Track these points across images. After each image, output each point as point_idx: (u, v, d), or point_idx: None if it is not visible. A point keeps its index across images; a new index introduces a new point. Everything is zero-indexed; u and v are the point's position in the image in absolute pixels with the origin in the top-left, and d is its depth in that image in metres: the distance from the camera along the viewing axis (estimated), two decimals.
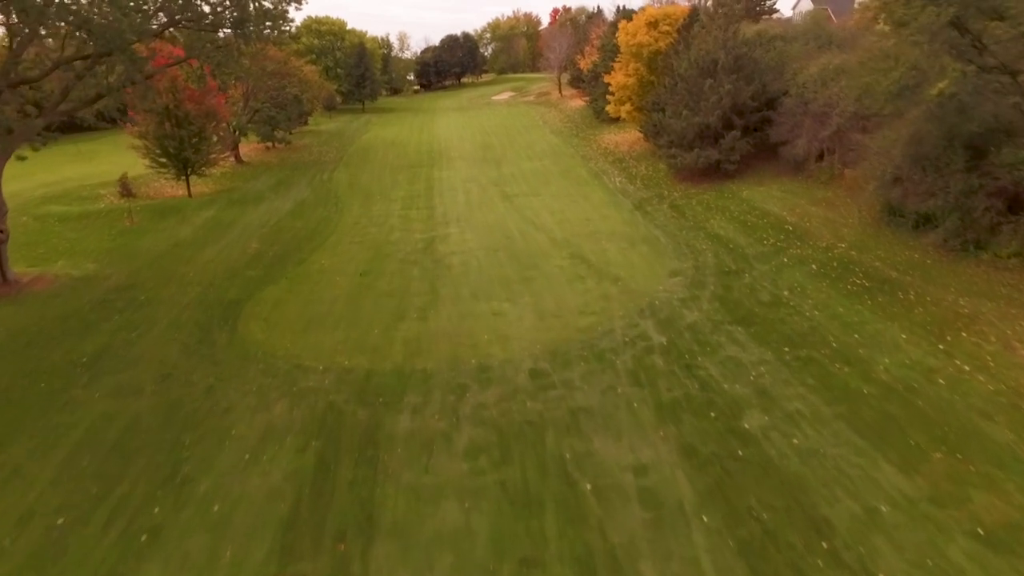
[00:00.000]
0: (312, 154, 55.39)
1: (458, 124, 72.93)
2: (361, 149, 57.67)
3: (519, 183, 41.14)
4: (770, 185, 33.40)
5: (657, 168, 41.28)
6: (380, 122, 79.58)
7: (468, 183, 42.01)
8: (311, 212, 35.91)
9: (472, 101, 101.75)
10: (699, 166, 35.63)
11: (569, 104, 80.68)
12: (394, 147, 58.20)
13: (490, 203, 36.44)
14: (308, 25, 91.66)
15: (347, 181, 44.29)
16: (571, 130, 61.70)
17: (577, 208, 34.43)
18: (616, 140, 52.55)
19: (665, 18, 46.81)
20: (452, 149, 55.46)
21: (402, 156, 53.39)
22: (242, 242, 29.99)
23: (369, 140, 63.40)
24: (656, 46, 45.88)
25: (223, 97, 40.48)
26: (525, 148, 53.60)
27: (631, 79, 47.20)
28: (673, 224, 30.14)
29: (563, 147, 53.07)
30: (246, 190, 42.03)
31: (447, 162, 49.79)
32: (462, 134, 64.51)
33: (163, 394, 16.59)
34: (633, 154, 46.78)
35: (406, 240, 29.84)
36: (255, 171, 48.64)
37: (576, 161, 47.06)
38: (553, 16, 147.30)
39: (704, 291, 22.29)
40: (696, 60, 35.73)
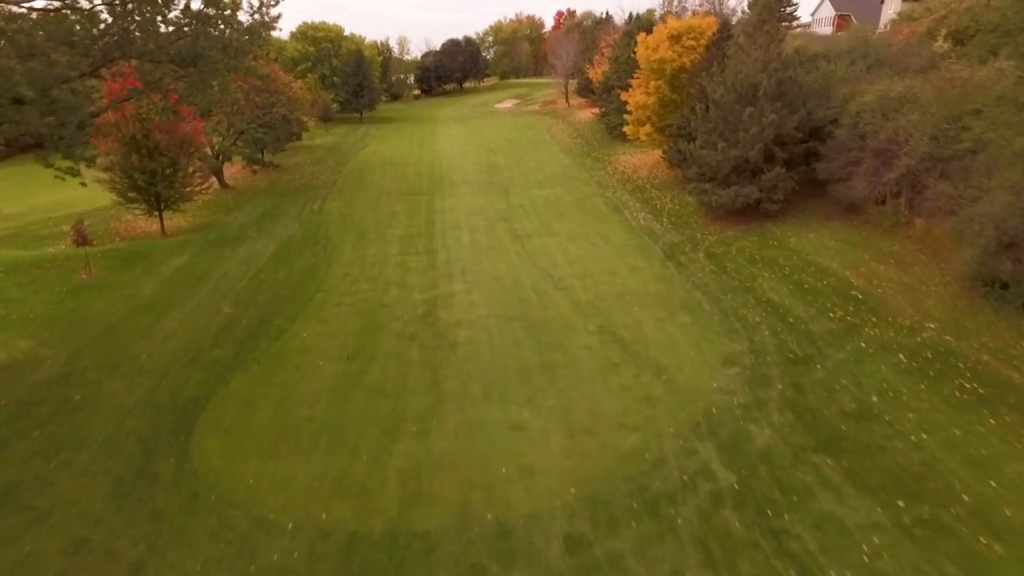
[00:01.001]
0: (303, 176, 50.94)
1: (460, 138, 68.43)
2: (357, 170, 53.21)
3: (530, 218, 36.70)
4: (820, 230, 28.98)
5: (684, 201, 36.86)
6: (378, 135, 75.05)
7: (473, 217, 37.59)
8: (296, 257, 31.50)
9: (474, 109, 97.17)
10: (736, 206, 31.23)
11: (578, 116, 76.15)
12: (392, 167, 53.72)
13: (499, 246, 32.03)
14: (303, 31, 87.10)
15: (339, 213, 39.86)
16: (582, 147, 57.21)
17: (599, 254, 30.02)
18: (634, 163, 48.08)
19: (689, 31, 42.29)
20: (454, 170, 51.00)
21: (400, 179, 48.96)
22: (213, 303, 25.59)
23: (366, 158, 58.91)
24: (679, 62, 41.40)
25: (199, 122, 36.03)
26: (534, 170, 49.13)
27: (651, 98, 42.74)
28: (714, 282, 25.73)
29: (575, 169, 48.60)
30: (227, 225, 37.61)
31: (449, 188, 45.36)
32: (464, 150, 60.02)
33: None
34: (654, 181, 42.33)
35: (404, 302, 25.45)
36: (240, 198, 44.22)
37: (591, 188, 42.60)
38: (557, 19, 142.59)
39: (769, 391, 17.92)
40: (733, 85, 31.27)
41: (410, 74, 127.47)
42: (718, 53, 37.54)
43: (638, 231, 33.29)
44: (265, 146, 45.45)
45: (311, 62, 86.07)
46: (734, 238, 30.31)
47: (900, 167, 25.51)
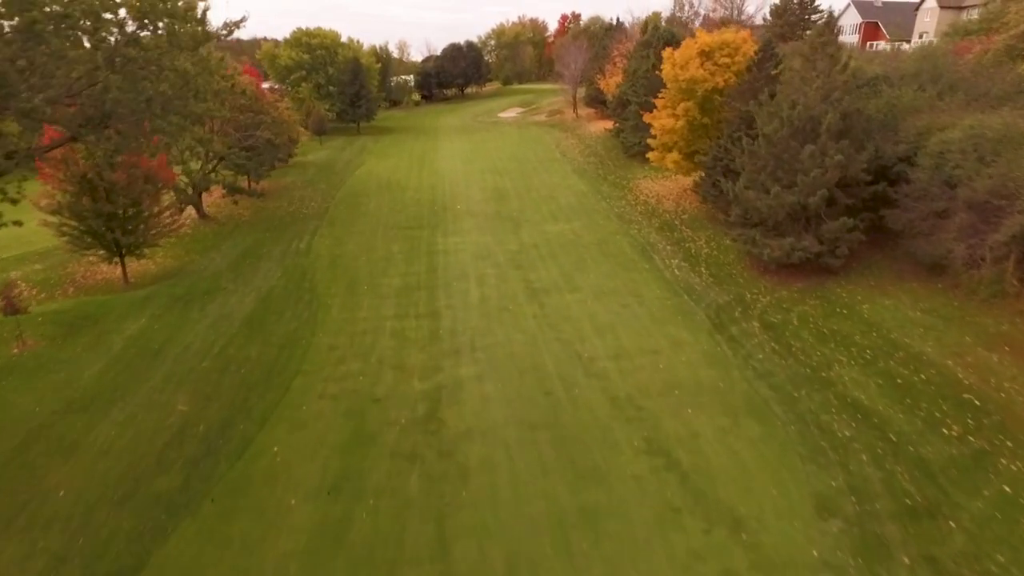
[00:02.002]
0: (292, 203, 45.98)
1: (463, 154, 63.43)
2: (351, 195, 48.24)
3: (547, 265, 31.80)
4: (897, 295, 24.11)
5: (722, 245, 32.01)
6: (376, 149, 70.03)
7: (481, 262, 32.69)
8: (275, 320, 26.58)
9: (477, 119, 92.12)
10: (792, 261, 26.36)
11: (588, 128, 71.19)
12: (389, 191, 48.76)
13: (513, 305, 27.13)
14: (297, 38, 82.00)
15: (328, 253, 34.93)
16: (596, 168, 52.28)
17: (632, 320, 25.16)
18: (657, 191, 43.17)
19: (722, 47, 37.34)
20: (458, 196, 46.05)
21: (398, 207, 44.00)
22: (166, 396, 20.70)
23: (361, 179, 53.93)
24: (712, 83, 36.48)
25: (163, 157, 31.06)
26: (546, 198, 44.19)
27: (679, 122, 37.79)
28: (780, 369, 20.88)
29: (592, 197, 43.66)
30: (200, 271, 32.68)
31: (452, 219, 40.43)
32: (468, 170, 55.04)
33: None
34: (683, 215, 37.44)
35: (400, 394, 20.55)
36: (219, 232, 39.29)
37: (612, 224, 37.68)
38: (562, 23, 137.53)
39: (893, 569, 13.10)
40: (789, 117, 26.34)
41: (410, 76, 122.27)
42: (761, 75, 32.63)
43: (674, 285, 28.41)
44: (248, 172, 40.51)
45: (305, 70, 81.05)
46: (791, 300, 25.43)
47: (1012, 227, 20.65)
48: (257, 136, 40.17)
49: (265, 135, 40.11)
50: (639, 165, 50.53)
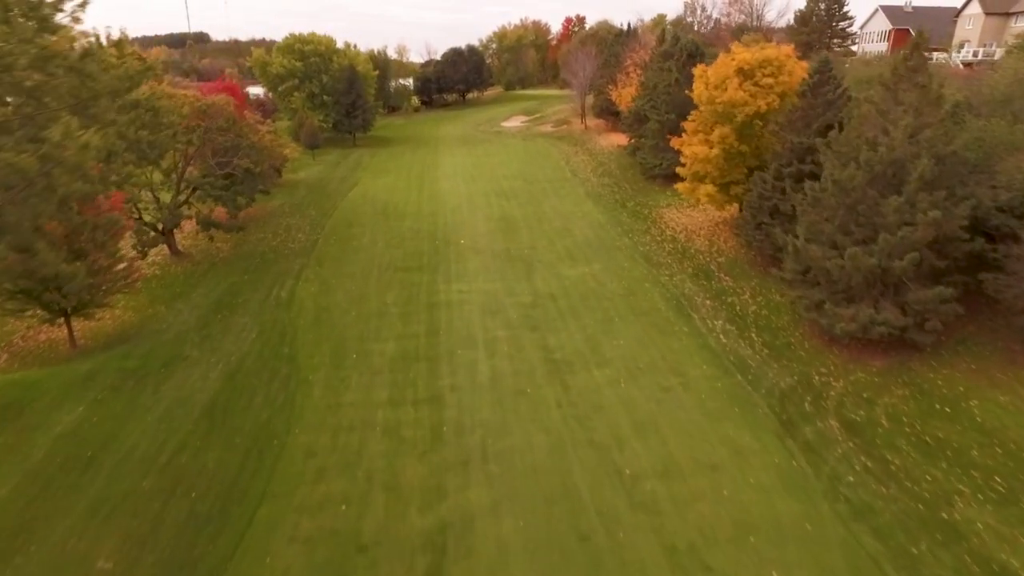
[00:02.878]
0: (277, 234, 41.00)
1: (465, 171, 58.43)
2: (342, 223, 43.24)
3: (567, 324, 26.92)
4: (1014, 387, 19.25)
5: (771, 300, 27.21)
6: (372, 164, 65.01)
7: (490, 318, 27.80)
8: (243, 409, 21.65)
9: (479, 128, 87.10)
10: (871, 336, 21.52)
11: (598, 142, 66.22)
12: (385, 219, 43.78)
13: (531, 388, 22.23)
14: (290, 44, 76.88)
15: (313, 306, 30.00)
16: (613, 192, 47.34)
17: (679, 412, 20.32)
18: (684, 224, 38.26)
19: (764, 65, 32.45)
20: (461, 227, 41.11)
21: (395, 241, 39.02)
22: (86, 543, 15.78)
23: (355, 203, 48.93)
24: (753, 106, 31.58)
25: (120, 197, 26.15)
26: (560, 231, 39.24)
27: (714, 150, 32.88)
28: (882, 502, 16.01)
29: (612, 230, 38.71)
30: (161, 330, 27.77)
31: (456, 258, 35.51)
32: (471, 192, 50.09)
33: None
34: (719, 257, 32.60)
35: (393, 541, 15.60)
36: (191, 275, 34.35)
37: (639, 267, 32.79)
38: (566, 26, 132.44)
39: None
40: (868, 161, 21.44)
41: (409, 78, 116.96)
42: (819, 102, 27.71)
43: (723, 359, 23.54)
44: (225, 204, 35.56)
45: (298, 79, 75.98)
46: (873, 388, 20.58)
47: None
48: (235, 164, 35.16)
49: (244, 163, 35.08)
50: (660, 189, 45.63)
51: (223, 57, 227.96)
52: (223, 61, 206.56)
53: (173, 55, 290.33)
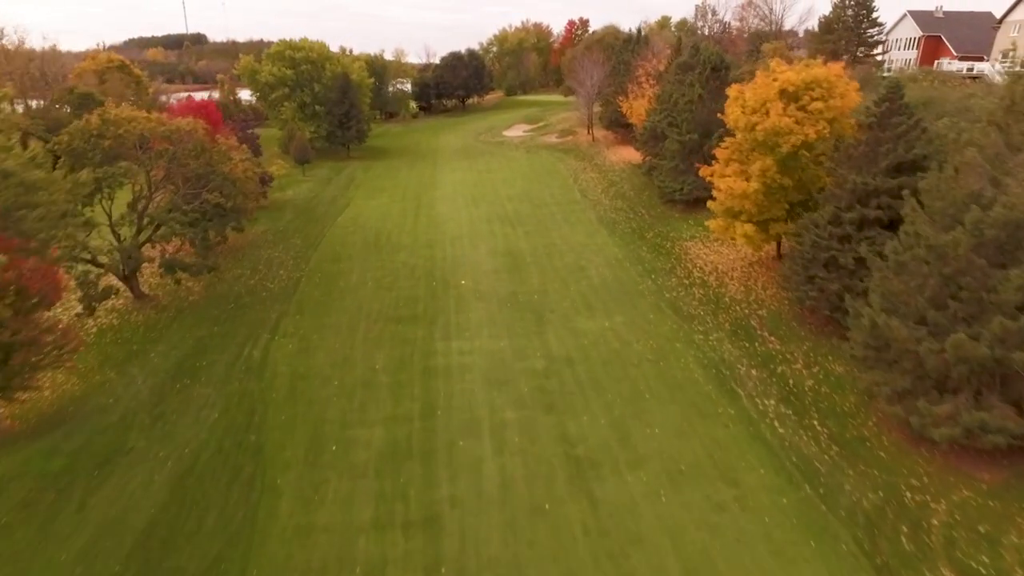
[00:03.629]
0: (256, 271, 36.38)
1: (466, 190, 53.83)
2: (329, 257, 38.59)
3: (589, 402, 22.34)
4: None
5: (829, 372, 22.73)
6: (366, 181, 60.37)
7: (497, 392, 23.26)
8: (190, 534, 17.03)
9: (480, 138, 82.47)
10: (982, 444, 17.01)
11: (608, 156, 61.58)
12: (376, 252, 39.14)
13: (551, 503, 17.65)
14: (280, 52, 72.12)
15: (289, 371, 25.42)
16: (628, 218, 42.73)
17: (739, 547, 15.78)
18: (713, 261, 33.68)
19: (812, 86, 27.87)
20: (462, 263, 36.51)
21: (387, 282, 34.37)
22: None
23: (344, 230, 44.28)
24: (800, 134, 27.01)
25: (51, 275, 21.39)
26: (574, 269, 34.61)
27: (753, 184, 28.30)
28: None
29: (631, 269, 34.08)
30: (106, 407, 23.19)
31: (456, 305, 30.94)
32: (473, 217, 45.51)
33: None
34: (759, 308, 28.06)
35: None
36: (152, 327, 29.73)
37: (667, 320, 28.21)
38: (569, 29, 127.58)
39: None
40: (977, 223, 16.88)
41: (407, 81, 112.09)
42: (888, 135, 23.10)
43: (783, 459, 19.00)
44: (193, 242, 30.91)
45: (289, 88, 71.28)
46: (991, 519, 16.03)
47: None
48: (204, 198, 30.51)
49: (213, 198, 30.42)
50: (681, 216, 41.08)
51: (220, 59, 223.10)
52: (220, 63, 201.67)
53: (169, 57, 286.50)
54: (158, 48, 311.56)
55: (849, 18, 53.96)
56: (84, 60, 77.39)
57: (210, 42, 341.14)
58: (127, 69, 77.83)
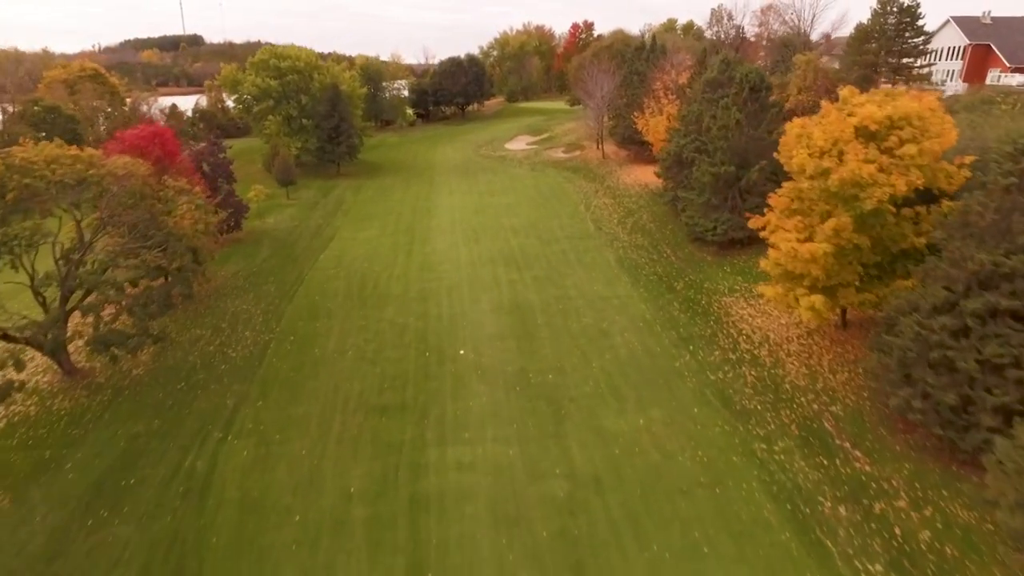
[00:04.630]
0: (218, 332, 30.48)
1: (465, 220, 47.95)
2: (305, 310, 32.69)
3: (627, 552, 16.46)
4: None
5: (950, 518, 16.86)
6: (355, 205, 54.43)
7: (506, 536, 17.41)
8: None
9: (480, 151, 76.54)
10: None
11: (621, 177, 55.65)
12: (361, 305, 33.24)
13: None
14: (264, 61, 66.03)
15: (238, 501, 19.50)
16: (652, 259, 36.83)
17: None
18: (762, 326, 27.78)
19: (900, 124, 21.99)
20: (461, 324, 30.59)
21: (370, 350, 28.49)
22: None
23: (326, 270, 38.38)
24: (888, 186, 21.12)
25: None
26: (594, 335, 28.61)
27: (823, 245, 22.37)
28: None
29: (664, 336, 28.09)
30: None
31: (453, 388, 25.04)
32: (474, 257, 39.58)
33: None
34: (834, 405, 22.16)
35: None
36: (78, 419, 23.80)
37: (717, 417, 22.25)
38: (573, 32, 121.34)
39: None
40: None
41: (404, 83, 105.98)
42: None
43: None
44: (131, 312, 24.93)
45: (274, 99, 65.24)
46: None
47: None
48: (142, 259, 24.57)
49: (151, 258, 24.45)
50: (715, 260, 35.23)
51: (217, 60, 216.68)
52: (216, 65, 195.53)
53: (164, 59, 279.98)
54: (153, 50, 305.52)
55: (890, 26, 47.98)
56: (53, 69, 71.39)
57: (207, 43, 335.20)
58: (101, 78, 71.89)
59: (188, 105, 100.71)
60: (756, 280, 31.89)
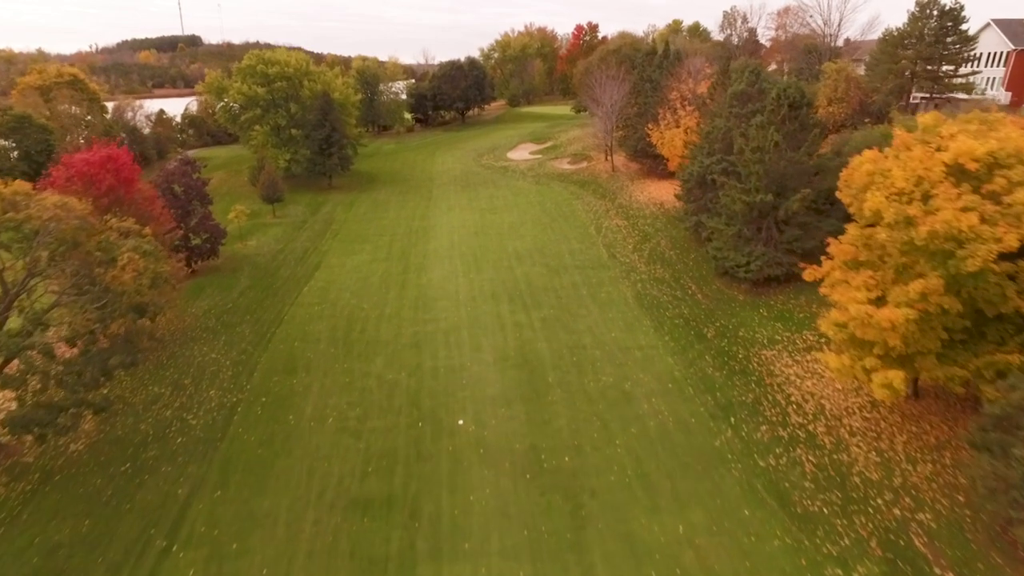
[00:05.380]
0: (178, 391, 26.15)
1: (465, 243, 43.56)
2: (282, 362, 28.33)
3: None
4: None
5: None
6: (345, 225, 50.03)
7: None
8: None
9: (481, 161, 72.06)
10: None
11: (633, 193, 51.21)
12: (346, 355, 28.86)
13: None
14: (251, 67, 61.46)
15: None
16: (676, 297, 32.40)
17: None
18: (812, 391, 23.34)
19: (1008, 160, 17.58)
20: (460, 382, 26.20)
21: (354, 416, 24.16)
22: None
23: (309, 307, 33.96)
24: (993, 241, 16.73)
25: None
26: (615, 395, 24.26)
27: (903, 311, 17.98)
28: None
29: (698, 402, 23.67)
30: None
31: (451, 473, 20.64)
32: (474, 292, 35.20)
33: None
34: (921, 512, 17.74)
35: None
36: None
37: (773, 524, 17.76)
38: (576, 35, 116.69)
39: None
40: None
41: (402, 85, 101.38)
42: None
43: None
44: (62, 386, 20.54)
45: (261, 108, 60.75)
46: None
47: None
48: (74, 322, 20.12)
49: (82, 324, 19.93)
50: (748, 300, 30.84)
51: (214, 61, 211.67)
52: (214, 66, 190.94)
53: (162, 60, 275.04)
54: (151, 51, 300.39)
55: (930, 31, 43.49)
56: (29, 74, 66.88)
57: (205, 44, 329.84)
58: (80, 84, 67.31)
59: (181, 109, 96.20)
60: (799, 327, 27.58)
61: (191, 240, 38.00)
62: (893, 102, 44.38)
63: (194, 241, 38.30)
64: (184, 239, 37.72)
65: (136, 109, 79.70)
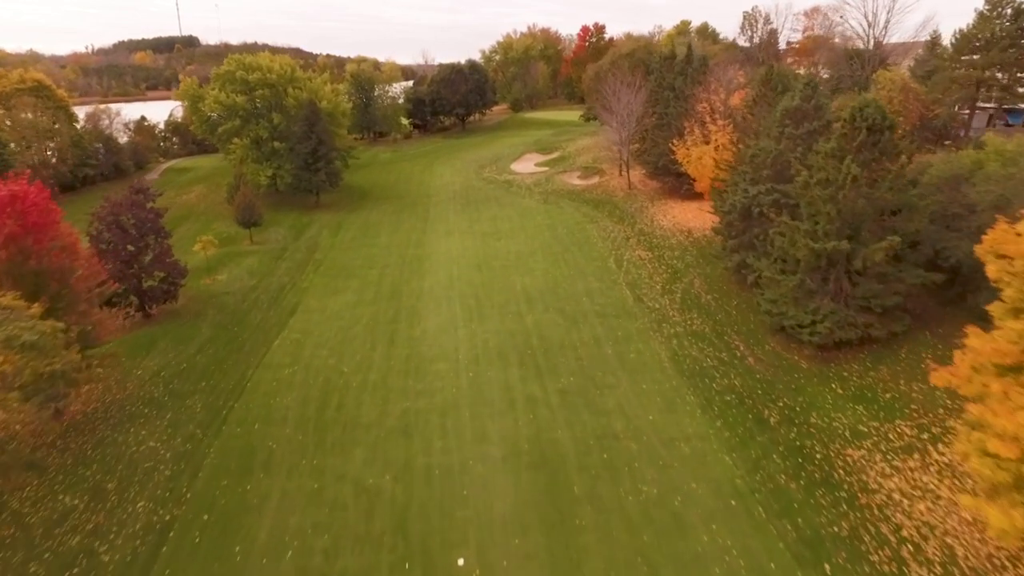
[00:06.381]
0: (97, 499, 20.24)
1: (466, 278, 37.59)
2: (237, 457, 22.26)
3: None
4: None
5: None
6: (331, 253, 44.06)
7: None
8: None
9: (483, 174, 66.04)
10: None
11: (656, 218, 45.17)
12: (317, 444, 22.89)
13: None
14: (230, 72, 55.36)
15: None
16: (723, 361, 26.36)
17: None
18: (936, 524, 17.20)
19: None
20: (461, 491, 20.21)
21: (324, 545, 18.24)
22: None
23: (280, 367, 27.97)
24: None
25: None
26: (664, 519, 18.20)
27: None
28: None
29: (773, 533, 17.57)
30: None
31: None
32: (476, 347, 29.26)
33: None
34: None
35: None
36: None
37: None
38: (582, 36, 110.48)
39: None
40: None
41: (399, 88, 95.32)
42: None
43: None
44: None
45: (240, 119, 54.70)
46: None
47: None
48: None
49: None
50: (811, 366, 24.85)
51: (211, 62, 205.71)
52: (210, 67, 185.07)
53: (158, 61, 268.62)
54: (147, 51, 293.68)
55: (1006, 33, 37.45)
56: None
57: (203, 45, 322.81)
58: (47, 92, 61.22)
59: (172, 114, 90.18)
60: (889, 414, 21.57)
61: (143, 282, 32.05)
62: (958, 115, 38.37)
63: (147, 283, 32.36)
64: (136, 280, 31.80)
65: (113, 116, 73.57)
